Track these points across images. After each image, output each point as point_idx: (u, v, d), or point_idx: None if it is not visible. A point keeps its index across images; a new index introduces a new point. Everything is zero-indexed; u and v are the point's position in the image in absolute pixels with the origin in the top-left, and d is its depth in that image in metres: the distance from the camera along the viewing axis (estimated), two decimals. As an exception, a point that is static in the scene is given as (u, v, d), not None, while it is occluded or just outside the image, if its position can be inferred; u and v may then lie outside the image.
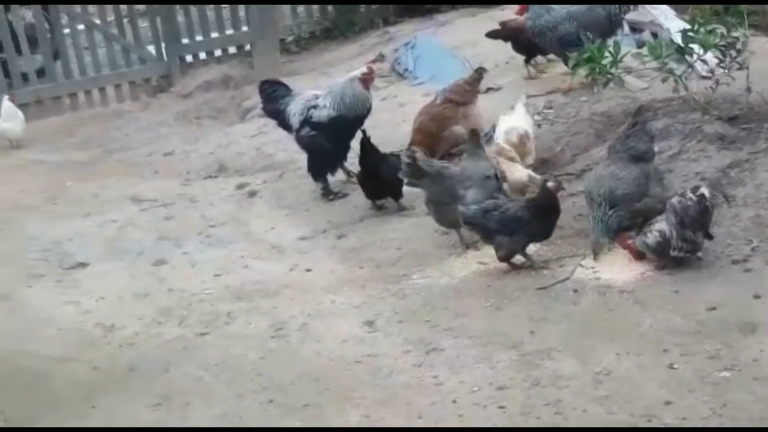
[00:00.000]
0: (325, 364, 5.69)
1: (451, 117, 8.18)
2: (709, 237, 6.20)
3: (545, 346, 5.57)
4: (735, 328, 5.49)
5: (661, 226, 6.14)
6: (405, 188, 7.66)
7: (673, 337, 5.49)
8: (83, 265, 7.42)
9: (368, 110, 8.02)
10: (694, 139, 7.41)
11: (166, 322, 6.39)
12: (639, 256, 6.29)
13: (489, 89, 9.41)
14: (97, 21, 11.87)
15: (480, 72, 8.46)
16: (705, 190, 6.20)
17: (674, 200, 6.21)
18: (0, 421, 5.47)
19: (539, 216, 6.50)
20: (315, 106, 8.01)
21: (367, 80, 7.99)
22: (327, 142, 8.00)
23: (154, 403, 5.46)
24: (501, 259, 6.51)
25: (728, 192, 6.71)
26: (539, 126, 8.60)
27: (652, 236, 6.15)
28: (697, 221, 6.10)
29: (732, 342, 5.36)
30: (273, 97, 8.26)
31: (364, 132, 7.76)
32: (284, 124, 8.23)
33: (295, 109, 8.09)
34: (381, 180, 7.66)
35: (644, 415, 4.89)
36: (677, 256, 6.16)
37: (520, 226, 6.45)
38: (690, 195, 6.16)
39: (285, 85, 8.37)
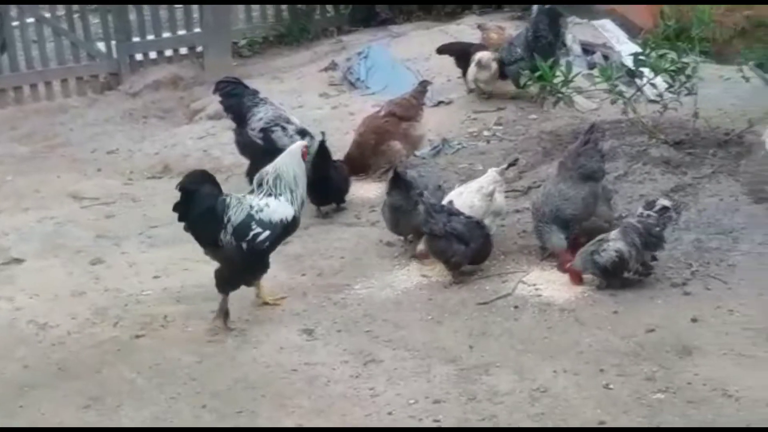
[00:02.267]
0: (261, 371, 5.62)
1: (391, 131, 8.15)
2: (654, 258, 6.24)
3: (484, 362, 5.56)
4: (672, 350, 5.54)
5: (618, 246, 6.13)
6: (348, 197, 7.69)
7: (611, 358, 5.51)
8: (19, 261, 7.27)
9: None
10: (640, 162, 7.48)
11: (100, 323, 6.27)
12: (579, 280, 6.29)
13: (440, 102, 9.43)
14: (47, 15, 11.67)
15: (424, 85, 8.46)
16: (665, 201, 6.25)
17: (633, 220, 6.20)
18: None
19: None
20: (283, 128, 7.90)
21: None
22: (271, 157, 7.86)
23: (84, 404, 5.36)
24: (454, 266, 6.48)
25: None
26: (488, 142, 8.63)
27: (607, 255, 6.14)
28: (660, 238, 6.14)
29: (668, 364, 5.40)
30: (234, 94, 8.12)
31: (323, 134, 7.70)
32: (240, 117, 8.05)
33: (263, 114, 7.95)
34: (330, 184, 7.64)
35: (578, 434, 4.90)
36: (628, 278, 6.19)
37: (478, 238, 6.48)
38: (649, 212, 6.18)
39: (244, 84, 8.26)
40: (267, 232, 6.03)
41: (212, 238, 5.99)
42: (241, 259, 6.02)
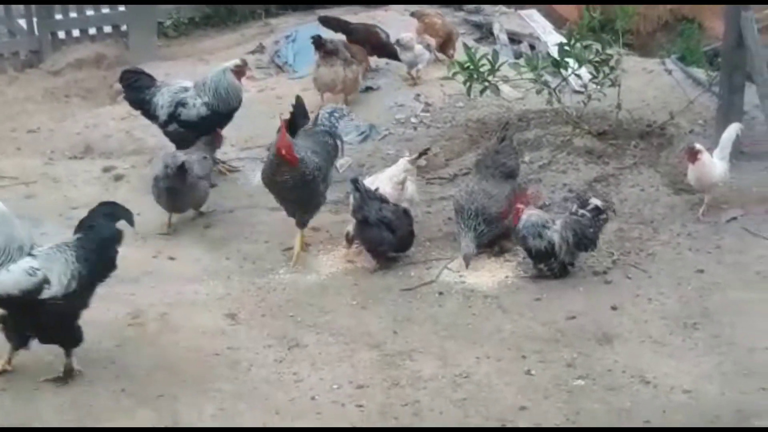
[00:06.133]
0: (182, 355, 5.57)
1: None
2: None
3: (407, 347, 5.58)
4: (592, 337, 5.63)
5: (553, 236, 6.19)
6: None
7: (533, 344, 5.58)
8: (-69, 241, 7.06)
9: (240, 102, 7.85)
10: (564, 151, 7.58)
11: (18, 305, 6.12)
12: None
13: (368, 88, 9.40)
14: (-35, -11, 11.36)
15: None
16: (597, 201, 6.34)
17: (570, 219, 6.26)
18: None
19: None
20: (184, 104, 7.77)
21: (240, 73, 7.83)
22: (197, 138, 7.73)
23: (1, 388, 5.24)
24: (380, 254, 6.50)
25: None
26: (415, 129, 8.64)
27: (540, 242, 6.19)
28: (593, 241, 6.24)
29: (588, 351, 5.49)
30: (136, 87, 8.02)
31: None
32: (150, 114, 7.99)
33: (162, 101, 7.83)
34: None
35: (499, 420, 4.97)
36: (551, 268, 6.26)
37: (406, 227, 6.52)
38: (583, 212, 6.24)
39: (149, 75, 8.14)
40: None
41: None
42: None
